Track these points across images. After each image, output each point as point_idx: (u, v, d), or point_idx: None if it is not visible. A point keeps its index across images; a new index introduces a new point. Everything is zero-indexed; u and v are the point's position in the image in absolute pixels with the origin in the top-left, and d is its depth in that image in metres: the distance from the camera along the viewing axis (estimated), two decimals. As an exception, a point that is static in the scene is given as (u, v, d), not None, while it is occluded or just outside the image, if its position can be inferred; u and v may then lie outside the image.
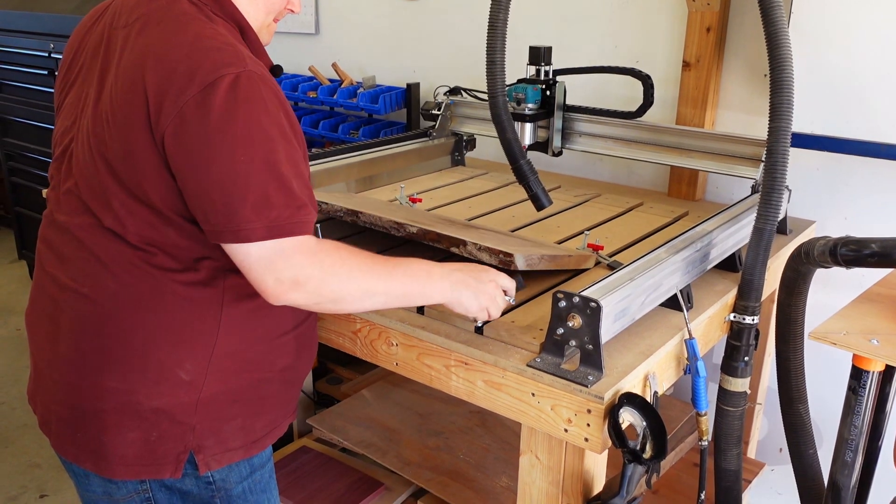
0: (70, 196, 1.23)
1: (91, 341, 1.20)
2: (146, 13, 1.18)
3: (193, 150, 1.08)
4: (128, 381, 1.19)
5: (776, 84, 1.34)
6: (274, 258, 1.11)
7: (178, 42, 1.11)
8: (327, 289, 1.16)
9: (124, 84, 1.14)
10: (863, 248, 1.30)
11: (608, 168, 2.43)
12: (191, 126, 1.07)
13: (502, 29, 1.58)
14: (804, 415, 1.60)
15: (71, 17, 3.34)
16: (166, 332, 1.19)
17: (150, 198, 1.14)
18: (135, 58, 1.14)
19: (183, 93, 1.07)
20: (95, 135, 1.17)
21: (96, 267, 1.19)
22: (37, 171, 3.81)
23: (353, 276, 1.18)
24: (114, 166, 1.15)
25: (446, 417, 2.20)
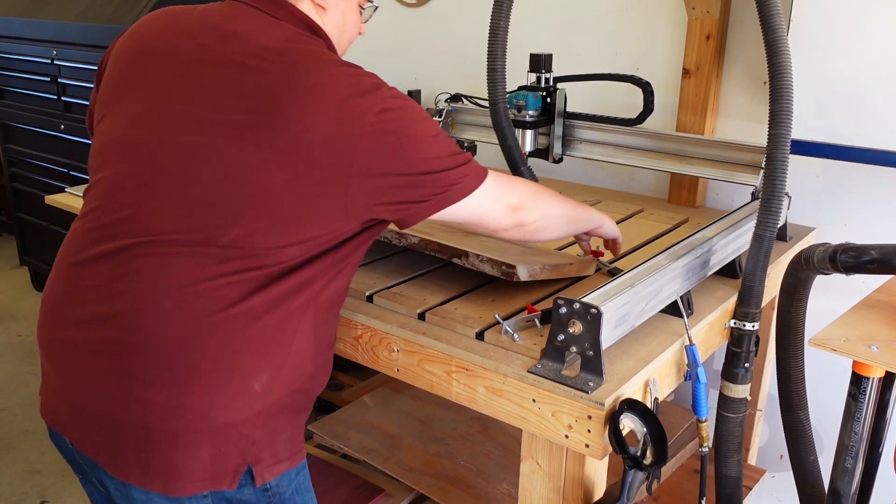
0: (150, 210, 1.19)
1: (175, 358, 1.16)
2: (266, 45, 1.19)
3: (392, 159, 1.16)
4: (209, 396, 1.17)
5: (776, 91, 1.34)
6: (495, 189, 1.29)
7: (329, 74, 1.17)
8: (541, 205, 1.39)
9: (274, 113, 1.14)
10: (862, 255, 1.30)
11: (609, 175, 2.44)
12: (381, 144, 1.15)
13: (503, 37, 1.59)
14: (804, 421, 1.60)
15: (74, 25, 3.35)
16: (252, 345, 1.19)
17: (294, 220, 1.16)
18: (279, 88, 1.15)
19: (367, 112, 1.14)
20: (225, 155, 1.15)
21: (184, 281, 1.16)
22: (39, 178, 3.82)
23: (550, 195, 1.42)
24: (260, 189, 1.14)
25: (447, 424, 2.20)
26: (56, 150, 3.68)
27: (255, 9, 1.26)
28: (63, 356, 1.25)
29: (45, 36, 3.50)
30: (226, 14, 1.27)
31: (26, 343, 3.62)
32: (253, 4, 1.27)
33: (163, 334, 1.16)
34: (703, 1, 2.02)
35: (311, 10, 1.29)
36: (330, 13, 1.32)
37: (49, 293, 1.30)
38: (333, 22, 1.33)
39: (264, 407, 1.22)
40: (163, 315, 1.16)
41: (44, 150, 3.76)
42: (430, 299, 1.48)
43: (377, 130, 1.14)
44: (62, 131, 3.58)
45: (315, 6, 1.30)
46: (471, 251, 1.44)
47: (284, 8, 1.26)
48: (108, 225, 1.22)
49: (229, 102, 1.17)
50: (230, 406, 1.19)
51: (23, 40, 3.63)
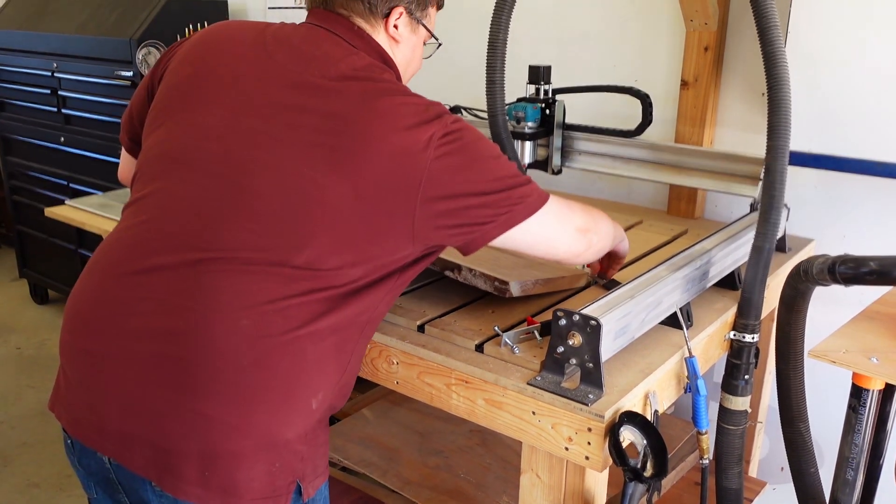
0: (221, 225, 1.17)
1: (247, 375, 1.15)
2: (346, 72, 1.23)
3: (458, 184, 1.18)
4: (275, 414, 1.17)
5: (774, 103, 1.35)
6: (560, 211, 1.30)
7: (399, 102, 1.20)
8: (600, 228, 1.40)
9: (350, 138, 1.17)
10: (861, 266, 1.31)
11: (608, 186, 2.44)
12: (446, 170, 1.17)
13: (502, 49, 1.60)
14: (805, 433, 1.59)
15: (74, 37, 3.37)
16: (317, 363, 1.20)
17: (362, 244, 1.18)
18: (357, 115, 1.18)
19: (433, 136, 1.17)
20: (299, 176, 1.16)
21: (260, 300, 1.15)
22: (39, 190, 3.83)
23: (596, 213, 1.42)
24: (332, 212, 1.16)
25: (447, 436, 2.19)
26: (56, 163, 3.69)
27: (334, 35, 1.30)
28: (104, 369, 1.19)
29: (46, 48, 3.52)
30: (305, 36, 1.29)
31: (24, 356, 3.61)
32: (332, 30, 1.30)
33: (236, 352, 1.15)
34: (700, 13, 2.03)
35: (386, 43, 1.35)
36: (402, 46, 1.38)
37: (82, 302, 1.25)
38: (403, 55, 1.39)
39: (313, 423, 1.23)
40: (237, 333, 1.15)
41: (44, 163, 3.77)
42: (430, 311, 1.48)
43: (443, 153, 1.17)
44: (62, 143, 3.58)
45: (389, 39, 1.35)
46: (463, 265, 1.45)
47: (362, 38, 1.31)
48: (169, 236, 1.19)
49: (305, 123, 1.18)
50: (290, 424, 1.19)
51: (23, 53, 3.64)
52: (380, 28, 1.34)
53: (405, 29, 1.37)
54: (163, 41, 3.12)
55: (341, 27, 1.31)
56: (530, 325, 1.37)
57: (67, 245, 3.65)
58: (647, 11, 2.27)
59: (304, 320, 1.17)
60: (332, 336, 1.21)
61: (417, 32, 1.40)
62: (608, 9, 2.35)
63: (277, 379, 1.17)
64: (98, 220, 2.09)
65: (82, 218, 2.12)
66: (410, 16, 1.37)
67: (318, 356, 1.20)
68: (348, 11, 1.32)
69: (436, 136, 1.17)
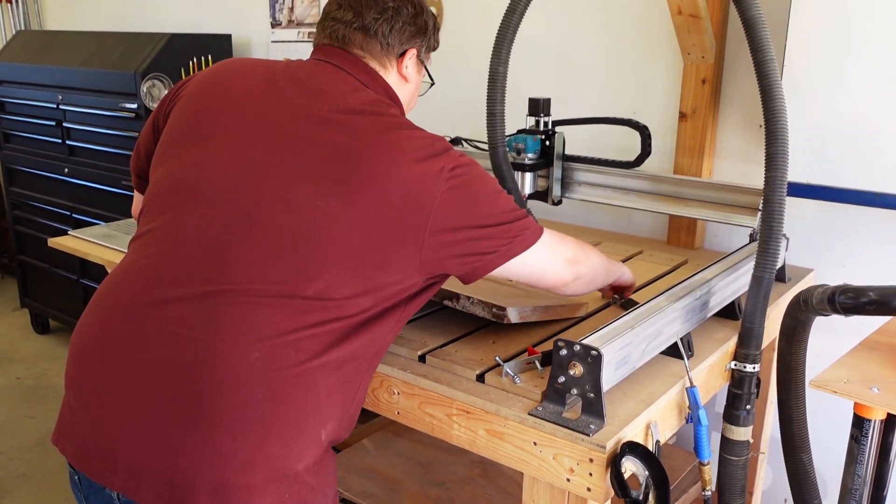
0: (231, 256, 1.18)
1: (259, 408, 1.15)
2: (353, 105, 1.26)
3: (463, 217, 1.22)
4: (287, 446, 1.17)
5: (771, 134, 1.36)
6: (552, 244, 1.34)
7: (406, 136, 1.24)
8: (589, 259, 1.44)
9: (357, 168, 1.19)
10: (861, 297, 1.31)
11: (608, 216, 2.46)
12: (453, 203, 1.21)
13: (502, 81, 1.62)
14: (808, 464, 1.58)
15: (79, 70, 3.41)
16: (327, 395, 1.21)
17: (372, 272, 1.19)
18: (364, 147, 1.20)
19: (442, 170, 1.20)
20: (308, 206, 1.18)
21: (272, 332, 1.16)
22: (42, 221, 3.84)
23: (587, 248, 1.45)
24: (342, 241, 1.17)
25: (448, 467, 2.18)
26: (59, 194, 3.71)
27: (342, 70, 1.33)
28: (113, 403, 1.18)
29: (52, 81, 3.56)
30: (312, 72, 1.33)
31: (25, 386, 3.60)
32: (340, 66, 1.34)
33: (249, 385, 1.14)
34: (698, 46, 2.06)
35: (396, 81, 1.40)
36: (409, 85, 1.44)
37: (90, 335, 1.24)
38: (409, 92, 1.45)
39: (322, 453, 1.24)
40: (250, 366, 1.15)
41: (47, 193, 3.79)
42: (431, 341, 1.48)
43: (451, 186, 1.20)
44: (66, 174, 3.61)
45: (400, 78, 1.41)
46: (461, 293, 1.45)
47: (370, 74, 1.35)
48: (179, 269, 1.19)
49: (314, 154, 1.20)
50: (301, 456, 1.19)
51: (30, 85, 3.69)
52: (392, 68, 1.39)
53: (413, 69, 1.42)
54: (167, 74, 3.16)
55: (349, 63, 1.34)
56: (531, 355, 1.38)
57: (70, 275, 3.66)
58: (646, 45, 2.30)
59: (315, 352, 1.18)
60: (342, 367, 1.22)
61: (421, 73, 1.47)
62: (607, 42, 2.38)
63: (290, 412, 1.17)
64: (101, 251, 2.10)
65: (85, 248, 2.13)
66: (418, 58, 1.43)
67: (329, 388, 1.21)
68: (364, 52, 1.36)
69: (445, 168, 1.20)
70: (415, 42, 1.41)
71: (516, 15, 1.58)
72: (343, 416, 1.26)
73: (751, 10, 1.35)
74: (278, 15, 3.37)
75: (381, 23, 1.36)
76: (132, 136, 3.20)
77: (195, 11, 3.82)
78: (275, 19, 3.40)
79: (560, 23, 2.47)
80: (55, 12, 4.83)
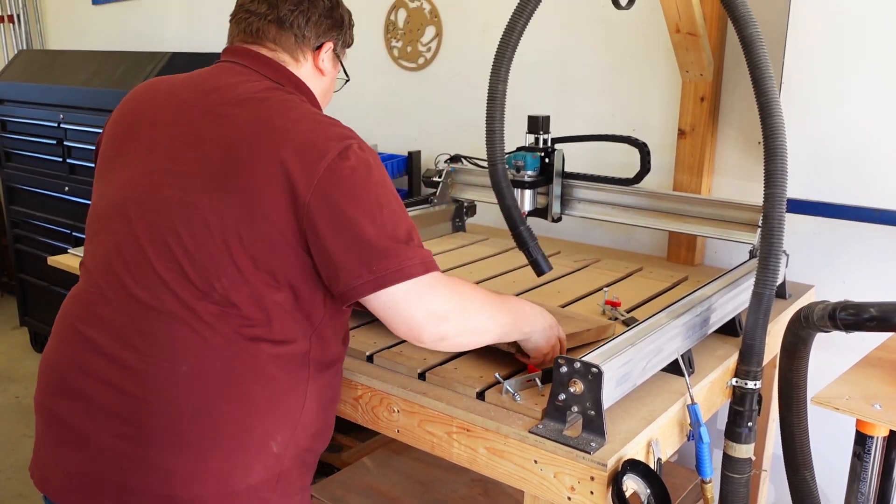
0: (147, 269, 1.19)
1: (193, 423, 1.16)
2: (242, 94, 1.25)
3: (344, 207, 1.15)
4: (231, 460, 1.17)
5: (770, 151, 1.37)
6: (425, 291, 1.19)
7: (297, 118, 1.22)
8: (468, 319, 1.26)
9: (240, 157, 1.18)
10: (862, 313, 1.31)
11: (607, 233, 2.46)
12: (338, 187, 1.16)
13: (501, 99, 1.63)
14: (811, 482, 1.58)
15: (81, 90, 3.42)
16: (267, 405, 1.20)
17: (271, 266, 1.17)
18: (248, 132, 1.19)
19: (322, 159, 1.16)
20: (201, 206, 1.17)
21: (196, 343, 1.16)
22: (41, 239, 3.84)
23: (483, 307, 1.28)
24: (233, 236, 1.16)
25: (448, 486, 2.16)
26: (60, 212, 3.72)
27: (242, 66, 1.34)
28: (66, 427, 1.22)
29: (53, 100, 3.58)
30: (210, 73, 1.34)
31: (23, 405, 3.59)
32: (236, 61, 1.34)
33: (181, 401, 1.16)
34: (696, 64, 2.07)
35: (310, 74, 1.40)
36: (324, 79, 1.44)
37: (47, 359, 1.29)
38: (324, 86, 1.45)
39: (282, 469, 1.22)
40: (180, 381, 1.16)
41: (47, 212, 3.79)
42: (431, 359, 1.48)
43: (330, 180, 1.15)
44: (66, 193, 3.62)
45: (316, 70, 1.41)
46: None
47: (269, 65, 1.34)
48: (107, 289, 1.22)
49: (207, 153, 1.20)
50: (251, 469, 1.18)
51: (31, 104, 3.70)
52: (307, 61, 1.39)
53: (329, 63, 1.43)
54: (168, 92, 3.17)
55: (247, 57, 1.35)
56: (531, 372, 1.37)
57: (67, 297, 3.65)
58: (644, 62, 2.31)
59: (241, 360, 1.18)
60: (278, 375, 1.21)
61: (336, 67, 1.47)
62: (606, 60, 2.39)
63: (227, 425, 1.17)
64: (101, 269, 2.10)
65: (85, 266, 2.13)
66: (334, 51, 1.44)
67: (266, 396, 1.20)
68: (276, 45, 1.36)
69: (331, 157, 1.16)
70: (331, 35, 1.41)
71: (515, 33, 1.59)
72: (297, 427, 1.24)
73: (748, 28, 1.36)
74: (279, 34, 3.40)
75: (296, 15, 1.36)
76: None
77: (195, 30, 3.85)
78: (275, 38, 3.42)
79: (559, 40, 2.48)
80: (57, 32, 4.86)
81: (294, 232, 1.16)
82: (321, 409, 1.30)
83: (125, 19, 4.22)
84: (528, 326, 1.35)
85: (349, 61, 1.53)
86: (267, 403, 1.20)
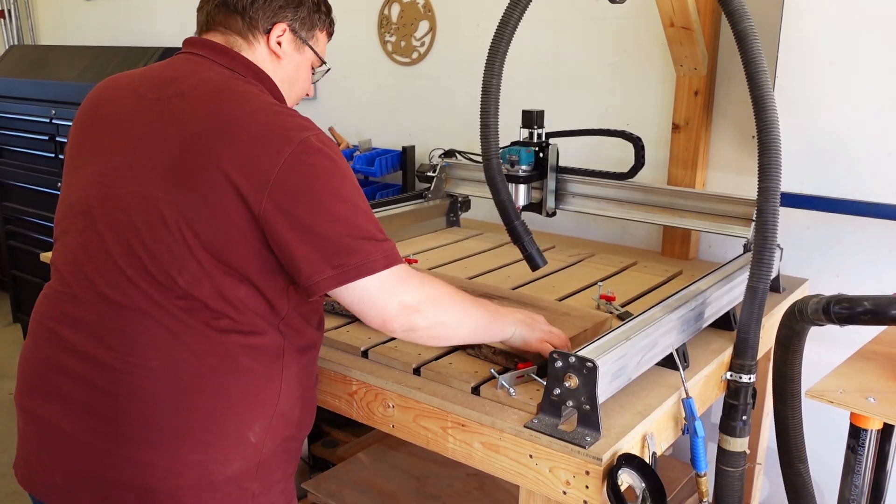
0: (112, 266, 1.19)
1: (167, 417, 1.16)
2: (198, 84, 1.23)
3: (302, 202, 1.13)
4: (207, 453, 1.17)
5: (764, 145, 1.37)
6: (396, 283, 1.19)
7: (251, 109, 1.19)
8: (440, 311, 1.26)
9: (195, 150, 1.16)
10: (856, 306, 1.31)
11: (602, 228, 2.46)
12: (295, 182, 1.13)
13: (495, 94, 1.63)
14: (805, 474, 1.58)
15: (73, 85, 3.41)
16: (241, 396, 1.20)
17: (230, 260, 1.16)
18: (203, 125, 1.17)
19: (278, 153, 1.13)
20: (158, 201, 1.16)
21: (166, 338, 1.16)
22: (34, 235, 3.83)
23: (455, 303, 1.29)
24: (190, 230, 1.15)
25: (444, 480, 2.16)
26: (52, 208, 3.67)
27: (199, 56, 1.31)
28: (44, 426, 1.25)
29: (45, 96, 3.56)
30: (167, 65, 1.33)
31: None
32: (197, 52, 1.32)
33: (154, 395, 1.16)
34: (690, 58, 2.07)
35: (266, 58, 1.35)
36: (284, 64, 1.37)
37: (24, 358, 1.32)
38: (285, 72, 1.38)
39: (262, 458, 1.22)
40: (152, 375, 1.16)
41: (40, 208, 3.78)
42: (425, 354, 1.48)
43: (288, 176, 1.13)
44: (59, 189, 3.60)
45: (271, 54, 1.35)
46: (483, 343, 1.42)
47: (225, 54, 1.31)
48: (76, 287, 1.22)
49: (162, 146, 1.19)
50: (229, 460, 1.19)
51: (23, 100, 3.68)
52: (259, 44, 1.34)
53: (289, 46, 1.37)
54: (161, 88, 3.16)
55: (203, 47, 1.33)
56: (521, 368, 1.36)
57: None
58: (639, 57, 2.31)
59: (210, 353, 1.17)
60: (251, 366, 1.20)
61: (303, 52, 1.40)
62: (600, 54, 2.39)
63: (200, 418, 1.17)
64: (94, 265, 2.09)
65: (78, 263, 2.12)
66: (295, 34, 1.37)
67: (240, 388, 1.20)
68: (226, 29, 1.33)
69: (285, 150, 1.14)
70: (283, 16, 1.34)
71: (509, 27, 1.58)
72: (273, 415, 1.24)
73: (742, 23, 1.36)
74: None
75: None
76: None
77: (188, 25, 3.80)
78: (268, 33, 3.41)
79: (553, 35, 2.48)
80: (49, 27, 4.84)
81: (252, 228, 1.15)
82: (299, 396, 1.30)
83: (117, 14, 4.20)
84: (504, 323, 1.34)
85: (344, 54, 1.50)
86: (241, 395, 1.20)
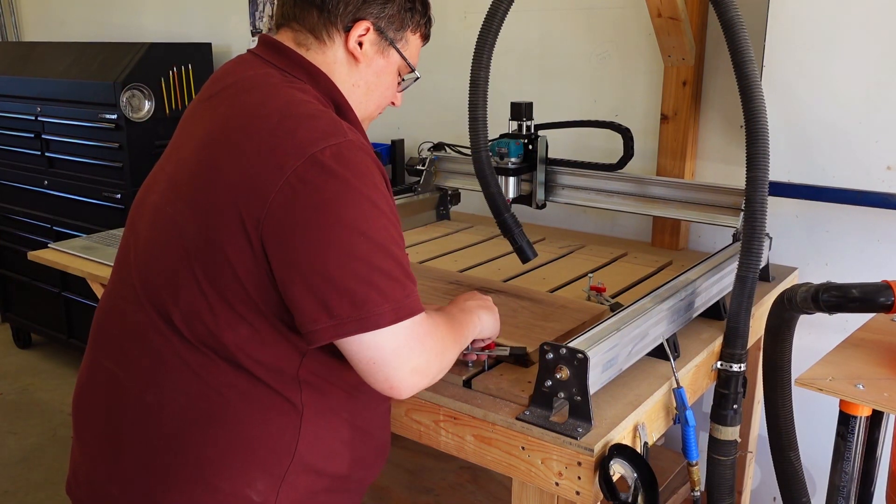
0: (128, 286, 1.11)
1: (157, 457, 1.07)
2: (231, 85, 1.12)
3: (300, 234, 0.96)
4: (193, 501, 1.06)
5: (752, 135, 1.37)
6: (413, 344, 1.02)
7: (267, 112, 1.03)
8: (444, 363, 1.12)
9: (203, 159, 1.05)
10: (844, 294, 1.32)
11: (592, 219, 2.46)
12: (294, 207, 0.96)
13: (483, 86, 1.62)
14: (795, 462, 1.59)
15: (58, 81, 3.38)
16: (239, 448, 1.06)
17: (226, 294, 1.02)
18: (215, 130, 1.06)
19: (280, 170, 0.97)
20: (165, 213, 1.07)
21: (161, 372, 1.06)
22: (22, 234, 3.80)
23: (451, 349, 1.15)
24: (192, 256, 1.03)
25: (437, 474, 2.17)
26: (39, 206, 3.67)
27: (253, 55, 1.19)
28: (75, 432, 1.22)
29: (30, 93, 3.52)
30: (232, 64, 1.21)
31: (7, 401, 3.55)
32: (256, 52, 1.19)
33: (147, 430, 1.08)
34: (678, 48, 2.07)
35: (339, 60, 1.16)
36: (362, 68, 1.18)
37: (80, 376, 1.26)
38: (364, 78, 1.19)
39: None
40: (145, 410, 1.08)
41: (27, 206, 3.75)
42: (417, 347, 1.47)
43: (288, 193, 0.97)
44: (46, 187, 3.57)
45: (348, 56, 1.16)
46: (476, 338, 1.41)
47: (279, 51, 1.15)
48: (114, 295, 1.18)
49: (185, 152, 1.12)
50: None
51: (7, 97, 3.64)
52: (335, 44, 1.15)
53: (371, 48, 1.17)
54: (147, 84, 3.13)
55: (261, 45, 1.19)
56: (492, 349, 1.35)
57: (51, 288, 3.62)
58: (626, 47, 2.31)
59: (208, 393, 1.05)
60: (259, 417, 1.06)
61: (388, 56, 1.20)
62: (588, 46, 2.39)
63: (188, 465, 1.05)
64: (81, 263, 2.08)
65: (65, 261, 2.11)
66: (380, 34, 1.17)
67: (242, 441, 1.06)
68: (299, 25, 1.16)
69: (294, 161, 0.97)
70: (368, 12, 1.15)
71: (497, 19, 1.58)
72: (284, 475, 1.08)
73: (729, 12, 1.36)
74: (258, 23, 3.36)
75: None
76: (112, 147, 3.18)
77: (174, 20, 3.80)
78: (255, 27, 3.39)
79: (541, 26, 2.48)
80: (32, 23, 4.79)
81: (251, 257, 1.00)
82: (332, 449, 1.14)
83: (102, 10, 4.17)
84: (475, 327, 1.28)
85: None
86: (240, 446, 1.06)
